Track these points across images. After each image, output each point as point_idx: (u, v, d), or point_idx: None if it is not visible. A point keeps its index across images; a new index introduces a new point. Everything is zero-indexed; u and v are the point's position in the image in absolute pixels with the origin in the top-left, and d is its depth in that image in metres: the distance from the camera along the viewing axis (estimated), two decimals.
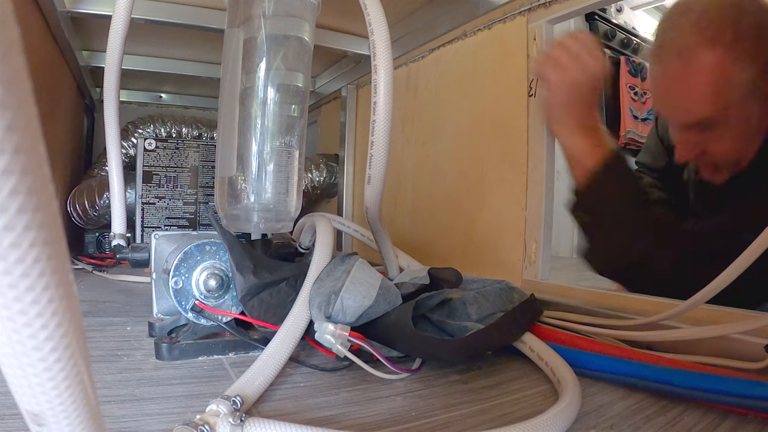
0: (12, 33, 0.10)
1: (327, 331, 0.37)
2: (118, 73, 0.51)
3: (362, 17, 0.45)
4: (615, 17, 1.47)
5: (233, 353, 0.43)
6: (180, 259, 0.43)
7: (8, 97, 0.09)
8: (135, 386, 0.35)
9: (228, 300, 0.44)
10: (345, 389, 0.37)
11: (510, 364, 0.44)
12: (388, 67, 0.45)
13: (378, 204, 0.47)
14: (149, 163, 0.92)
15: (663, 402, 0.35)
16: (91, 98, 1.29)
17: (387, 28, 0.45)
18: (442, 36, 0.85)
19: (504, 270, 0.69)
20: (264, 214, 0.47)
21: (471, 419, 0.32)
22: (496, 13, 0.73)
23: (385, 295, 0.41)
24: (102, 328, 0.50)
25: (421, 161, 0.92)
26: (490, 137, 0.74)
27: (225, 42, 0.45)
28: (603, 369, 0.39)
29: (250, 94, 0.45)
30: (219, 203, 0.47)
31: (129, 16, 0.50)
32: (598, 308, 0.52)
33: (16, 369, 0.12)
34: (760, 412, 0.31)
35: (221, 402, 0.28)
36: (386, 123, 0.45)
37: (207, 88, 1.37)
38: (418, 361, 0.42)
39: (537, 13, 0.66)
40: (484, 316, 0.44)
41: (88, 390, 0.14)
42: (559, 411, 0.30)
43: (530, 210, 0.66)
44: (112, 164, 0.54)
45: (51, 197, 0.11)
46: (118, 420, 0.29)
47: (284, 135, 0.46)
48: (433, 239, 0.88)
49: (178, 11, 0.86)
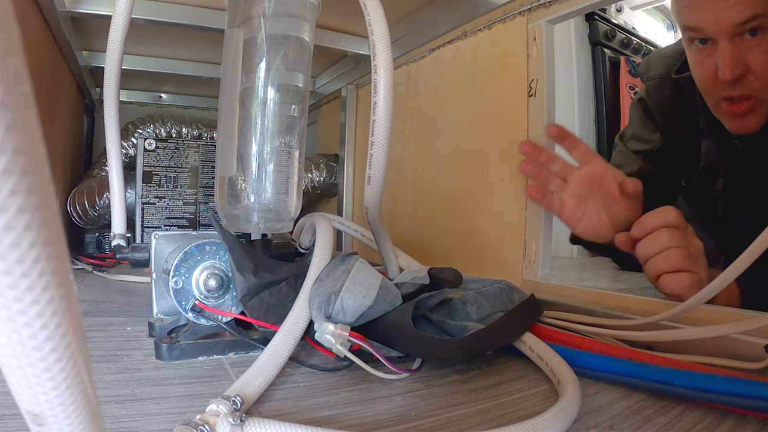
0: (12, 33, 0.10)
1: (327, 331, 0.37)
2: (118, 73, 0.51)
3: (362, 17, 0.45)
4: (615, 17, 1.47)
5: (233, 353, 0.43)
6: (180, 259, 0.43)
7: (8, 97, 0.09)
8: (135, 386, 0.35)
9: (228, 300, 0.44)
10: (345, 389, 0.37)
11: (510, 364, 0.44)
12: (388, 67, 0.45)
13: (378, 204, 0.47)
14: (149, 163, 0.92)
15: (663, 402, 0.35)
16: (91, 98, 1.29)
17: (387, 28, 0.45)
18: (442, 36, 0.85)
19: (504, 270, 0.69)
20: (264, 214, 0.47)
21: (471, 419, 0.32)
22: (496, 13, 0.73)
23: (385, 295, 0.41)
24: (102, 328, 0.50)
25: (421, 161, 0.92)
26: (490, 137, 0.74)
27: (225, 42, 0.45)
28: (603, 369, 0.39)
29: (250, 94, 0.45)
30: (219, 203, 0.47)
31: (129, 16, 0.50)
32: (598, 308, 0.52)
33: (16, 369, 0.12)
34: (760, 412, 0.31)
35: (221, 402, 0.28)
36: (386, 123, 0.45)
37: (207, 88, 1.37)
38: (418, 361, 0.42)
39: (537, 13, 0.66)
40: (484, 316, 0.44)
41: (88, 390, 0.14)
42: (559, 411, 0.30)
43: (530, 210, 0.66)
44: (112, 164, 0.54)
45: (51, 197, 0.11)
46: (118, 420, 0.29)
47: (284, 135, 0.46)
48: (433, 239, 0.87)
49: (178, 11, 0.85)
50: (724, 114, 0.57)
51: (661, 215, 0.49)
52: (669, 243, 0.47)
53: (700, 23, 0.55)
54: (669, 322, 0.44)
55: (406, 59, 0.96)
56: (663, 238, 0.47)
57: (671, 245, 0.47)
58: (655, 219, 0.49)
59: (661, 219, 0.48)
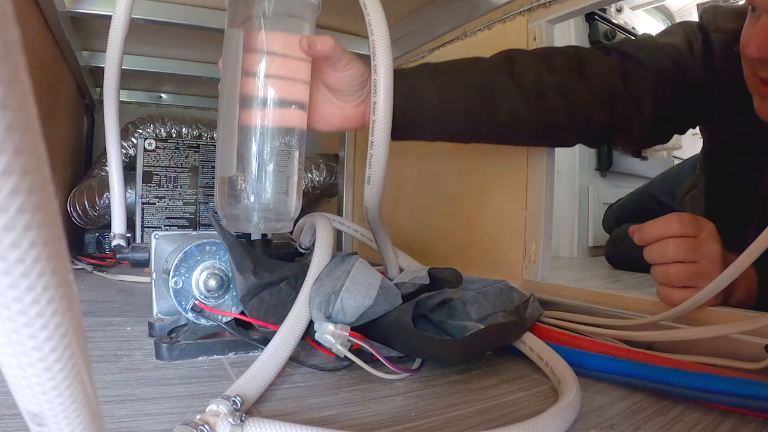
0: (12, 33, 0.10)
1: (327, 331, 0.37)
2: (118, 73, 0.51)
3: (362, 17, 0.45)
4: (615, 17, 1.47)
5: (233, 353, 0.43)
6: (180, 259, 0.43)
7: (8, 97, 0.09)
8: (135, 386, 0.35)
9: (228, 300, 0.44)
10: (345, 389, 0.37)
11: (510, 364, 0.44)
12: (388, 67, 0.45)
13: (378, 204, 0.47)
14: (149, 163, 0.92)
15: (663, 402, 0.35)
16: (91, 98, 1.29)
17: (387, 28, 0.45)
18: (442, 36, 0.85)
19: (504, 270, 0.69)
20: (264, 214, 0.47)
21: (471, 419, 0.32)
22: (496, 13, 0.73)
23: (385, 295, 0.41)
24: (102, 328, 0.50)
25: (421, 161, 0.92)
26: None
27: (225, 42, 0.45)
28: (603, 369, 0.39)
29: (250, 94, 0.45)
30: (219, 203, 0.47)
31: (129, 16, 0.50)
32: (598, 308, 0.52)
33: (16, 369, 0.12)
34: (760, 412, 0.31)
35: (221, 402, 0.28)
36: (386, 123, 0.45)
37: (207, 88, 1.37)
38: (418, 361, 0.42)
39: (537, 13, 0.66)
40: (484, 316, 0.44)
41: (88, 390, 0.14)
42: (559, 411, 0.30)
43: (530, 210, 0.66)
44: (112, 164, 0.54)
45: (51, 197, 0.11)
46: (118, 420, 0.29)
47: (284, 135, 0.46)
48: (433, 239, 0.88)
49: (178, 11, 0.86)
50: (755, 90, 0.52)
51: (663, 226, 0.46)
52: (674, 257, 0.44)
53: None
54: (669, 322, 0.44)
55: (406, 59, 0.96)
56: (668, 251, 0.45)
57: (675, 259, 0.45)
58: (657, 230, 0.46)
59: (663, 230, 0.46)
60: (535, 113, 0.53)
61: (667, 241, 0.45)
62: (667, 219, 0.46)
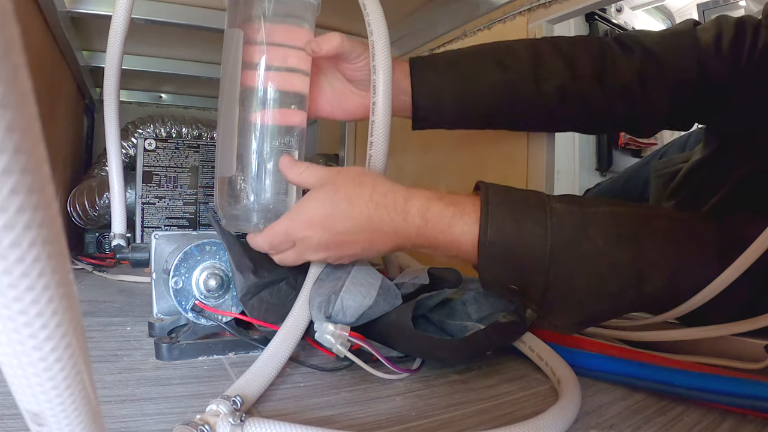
0: (12, 33, 0.10)
1: (327, 331, 0.37)
2: (118, 73, 0.51)
3: (362, 17, 0.45)
4: (615, 17, 1.47)
5: (233, 353, 0.43)
6: (180, 259, 0.43)
7: (8, 97, 0.09)
8: (135, 386, 0.35)
9: (228, 300, 0.44)
10: (345, 389, 0.37)
11: (510, 364, 0.44)
12: (387, 67, 0.45)
13: None
14: (149, 163, 0.92)
15: (663, 402, 0.35)
16: (91, 98, 1.29)
17: (386, 28, 0.45)
18: (442, 36, 0.85)
19: None
20: (264, 214, 0.47)
21: (471, 419, 0.32)
22: (496, 13, 0.73)
23: (385, 295, 0.41)
24: (102, 328, 0.50)
25: (421, 161, 0.92)
26: (490, 137, 0.74)
27: (225, 42, 0.45)
28: (603, 369, 0.39)
29: (249, 94, 0.45)
30: (219, 203, 0.47)
31: (129, 16, 0.50)
32: None
33: (16, 369, 0.12)
34: (760, 412, 0.31)
35: (221, 402, 0.28)
36: (386, 123, 0.45)
37: (207, 88, 1.37)
38: (418, 361, 0.42)
39: (537, 13, 0.66)
40: (484, 316, 0.44)
41: (88, 390, 0.14)
42: (559, 411, 0.30)
43: None
44: (112, 164, 0.54)
45: (51, 197, 0.11)
46: (118, 420, 0.29)
47: (284, 134, 0.46)
48: None
49: (178, 11, 0.86)
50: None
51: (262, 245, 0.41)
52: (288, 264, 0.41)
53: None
54: (669, 322, 0.44)
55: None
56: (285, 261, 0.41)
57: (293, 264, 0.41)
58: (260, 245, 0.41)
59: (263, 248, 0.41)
60: (552, 119, 0.56)
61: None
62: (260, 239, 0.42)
